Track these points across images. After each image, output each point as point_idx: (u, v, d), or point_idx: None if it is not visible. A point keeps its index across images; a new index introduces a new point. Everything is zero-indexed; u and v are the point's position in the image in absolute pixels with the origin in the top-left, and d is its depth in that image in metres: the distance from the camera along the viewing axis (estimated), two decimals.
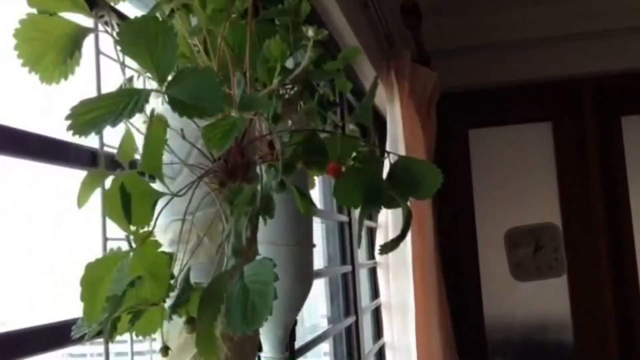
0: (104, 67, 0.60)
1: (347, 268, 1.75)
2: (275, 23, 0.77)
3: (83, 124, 0.39)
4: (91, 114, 0.39)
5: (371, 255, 2.22)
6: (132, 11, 0.79)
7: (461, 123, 2.77)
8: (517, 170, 2.72)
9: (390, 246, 0.65)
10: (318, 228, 1.80)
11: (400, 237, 0.65)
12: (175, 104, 0.40)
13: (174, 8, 0.64)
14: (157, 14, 0.58)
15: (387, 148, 2.06)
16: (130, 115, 0.40)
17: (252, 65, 0.71)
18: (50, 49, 0.49)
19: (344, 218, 1.79)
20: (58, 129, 0.53)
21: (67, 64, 0.52)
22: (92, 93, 0.59)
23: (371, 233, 2.26)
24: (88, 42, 0.57)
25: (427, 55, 2.40)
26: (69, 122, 0.39)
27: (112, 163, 0.58)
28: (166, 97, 0.41)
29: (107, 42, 0.61)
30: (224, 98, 0.44)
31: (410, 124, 2.05)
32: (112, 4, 0.63)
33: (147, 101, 0.41)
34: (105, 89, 0.60)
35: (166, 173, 0.60)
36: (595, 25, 2.55)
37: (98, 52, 0.54)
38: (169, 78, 0.42)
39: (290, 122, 0.79)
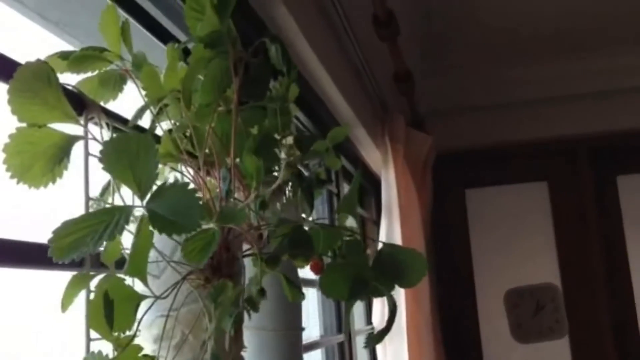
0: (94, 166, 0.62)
1: (341, 337, 1.73)
2: (264, 108, 0.80)
3: (64, 248, 0.40)
4: (72, 236, 0.41)
5: (369, 320, 2.20)
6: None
7: (458, 183, 2.79)
8: (515, 229, 2.73)
9: (376, 339, 0.65)
10: (313, 294, 1.79)
11: (386, 330, 0.65)
12: (155, 220, 0.42)
13: (162, 107, 0.67)
14: (137, 128, 0.61)
15: (382, 213, 2.07)
16: (111, 238, 0.42)
17: (239, 155, 0.74)
18: (38, 159, 0.51)
19: None
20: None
21: (54, 170, 0.54)
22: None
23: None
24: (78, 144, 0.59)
25: (421, 118, 2.44)
26: (50, 246, 0.40)
27: (98, 261, 0.59)
28: (146, 212, 0.43)
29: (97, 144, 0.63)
30: (204, 208, 0.45)
31: (405, 188, 2.06)
32: (102, 104, 0.66)
33: (127, 222, 0.42)
34: (96, 189, 0.61)
35: (151, 271, 0.61)
36: (590, 87, 2.61)
37: (87, 156, 0.56)
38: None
39: (278, 205, 0.80)
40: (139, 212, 0.48)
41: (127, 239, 0.62)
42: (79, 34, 1.00)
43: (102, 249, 0.59)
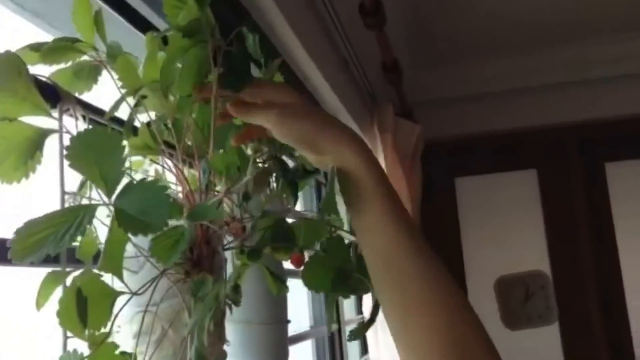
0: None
1: (333, 327, 1.73)
2: None
3: (24, 249, 0.39)
4: (34, 236, 0.39)
5: (359, 310, 2.20)
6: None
7: (447, 172, 2.79)
8: (504, 217, 2.73)
9: (359, 332, 0.64)
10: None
11: (369, 322, 0.64)
12: (122, 219, 0.41)
13: (140, 97, 0.65)
14: (115, 120, 0.59)
15: None
16: (73, 239, 0.40)
17: (220, 146, 0.72)
18: (10, 154, 0.50)
19: None
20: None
21: (27, 164, 0.52)
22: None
23: None
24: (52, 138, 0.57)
25: (410, 108, 2.43)
26: (11, 247, 0.39)
27: (73, 257, 0.58)
28: (113, 210, 0.42)
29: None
30: (176, 205, 0.44)
31: (394, 177, 2.06)
32: (76, 94, 0.64)
33: (90, 222, 0.41)
34: (74, 183, 0.60)
35: (130, 266, 0.60)
36: (578, 75, 2.61)
37: (62, 149, 0.55)
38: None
39: (262, 197, 0.79)
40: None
41: (103, 233, 0.61)
42: (60, 25, 0.98)
43: (77, 244, 0.58)
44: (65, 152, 0.42)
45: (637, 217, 2.63)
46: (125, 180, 0.44)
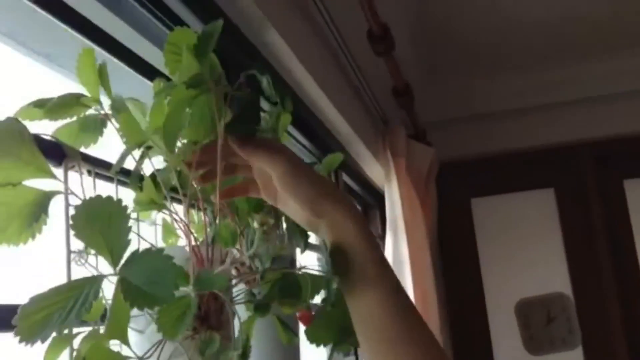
0: None
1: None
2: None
3: (30, 328, 0.38)
4: (40, 313, 0.39)
5: None
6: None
7: (463, 192, 2.76)
8: (523, 238, 2.69)
9: None
10: None
11: None
12: (127, 290, 0.40)
13: (145, 149, 0.65)
14: (123, 172, 0.59)
15: (387, 227, 2.05)
16: (79, 316, 0.40)
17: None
18: (14, 219, 0.49)
19: None
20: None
21: (33, 227, 0.52)
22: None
23: None
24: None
25: (423, 129, 2.42)
26: (17, 325, 0.38)
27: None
28: (119, 282, 0.41)
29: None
30: (181, 274, 0.43)
31: (409, 202, 2.04)
32: (82, 149, 0.64)
33: (96, 297, 0.41)
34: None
35: (135, 326, 0.59)
36: (592, 91, 2.58)
37: (68, 208, 0.54)
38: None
39: (269, 247, 0.78)
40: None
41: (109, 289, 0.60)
42: (69, 65, 0.99)
43: None
44: (70, 222, 0.42)
45: None
46: (131, 249, 0.44)
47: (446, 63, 2.50)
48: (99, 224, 0.41)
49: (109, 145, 0.73)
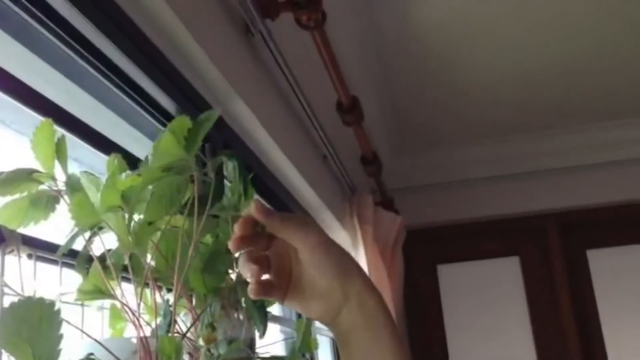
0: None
1: None
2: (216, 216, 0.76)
3: None
4: None
5: None
6: None
7: (429, 259, 2.76)
8: (488, 304, 2.68)
9: None
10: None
11: None
12: None
13: (97, 230, 0.62)
14: (70, 254, 0.56)
15: None
16: None
17: (184, 274, 0.69)
18: None
19: None
20: None
21: None
22: None
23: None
24: None
25: (390, 197, 2.43)
26: None
27: None
28: None
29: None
30: None
31: (375, 269, 2.02)
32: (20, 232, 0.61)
33: None
34: None
35: None
36: (557, 163, 2.65)
37: (2, 296, 0.51)
38: None
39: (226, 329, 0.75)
40: None
41: None
42: (28, 131, 0.96)
43: None
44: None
45: (621, 305, 2.59)
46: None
47: (414, 132, 2.55)
48: (26, 330, 0.38)
49: (54, 219, 0.70)
